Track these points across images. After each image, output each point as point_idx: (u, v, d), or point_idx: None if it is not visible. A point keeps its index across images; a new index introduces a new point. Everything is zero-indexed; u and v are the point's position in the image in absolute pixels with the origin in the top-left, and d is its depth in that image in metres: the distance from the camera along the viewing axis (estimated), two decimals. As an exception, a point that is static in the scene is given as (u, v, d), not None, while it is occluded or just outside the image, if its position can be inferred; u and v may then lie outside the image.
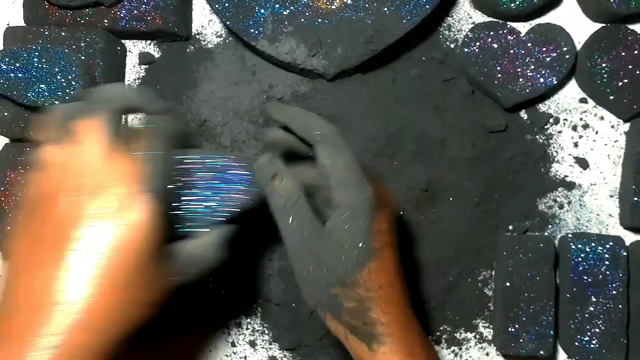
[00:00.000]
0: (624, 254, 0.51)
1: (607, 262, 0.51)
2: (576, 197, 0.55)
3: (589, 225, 0.55)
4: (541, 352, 0.51)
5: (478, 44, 0.53)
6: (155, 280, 0.37)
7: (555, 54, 0.53)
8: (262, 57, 0.55)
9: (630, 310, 0.51)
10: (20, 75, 0.51)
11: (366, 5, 0.52)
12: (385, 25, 0.52)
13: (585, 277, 0.51)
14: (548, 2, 0.54)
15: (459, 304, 0.55)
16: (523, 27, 0.55)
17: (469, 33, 0.53)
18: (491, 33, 0.53)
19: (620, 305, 0.51)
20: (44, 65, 0.51)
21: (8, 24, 0.57)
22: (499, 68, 0.53)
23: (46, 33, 0.54)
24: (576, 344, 0.51)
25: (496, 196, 0.55)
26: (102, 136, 0.37)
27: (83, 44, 0.53)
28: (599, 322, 0.51)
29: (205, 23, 0.57)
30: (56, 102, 0.51)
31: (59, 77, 0.51)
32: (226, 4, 0.52)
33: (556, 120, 0.56)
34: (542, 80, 0.53)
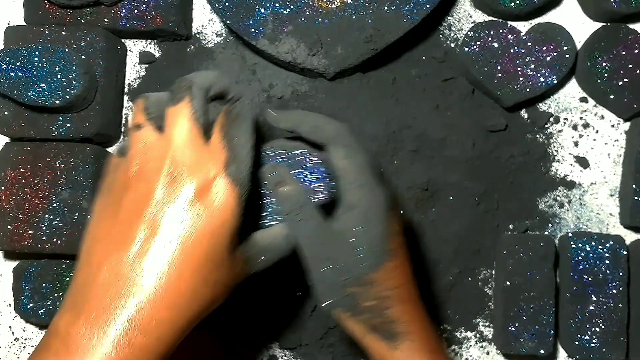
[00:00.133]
0: (624, 253, 0.51)
1: (608, 261, 0.51)
2: (576, 196, 0.55)
3: (589, 225, 0.55)
4: (541, 351, 0.51)
5: (478, 43, 0.53)
6: (231, 264, 0.37)
7: (555, 53, 0.53)
8: (263, 57, 0.55)
9: (630, 310, 0.51)
10: (20, 74, 0.51)
11: (366, 4, 0.52)
12: (385, 24, 0.52)
13: (585, 276, 0.51)
14: (548, 2, 0.54)
15: (459, 303, 0.55)
16: (523, 27, 0.55)
17: (469, 32, 0.53)
18: (491, 32, 0.53)
19: (620, 305, 0.51)
20: (45, 65, 0.51)
21: (8, 24, 0.58)
22: (499, 67, 0.53)
23: (46, 32, 0.54)
24: (576, 343, 0.51)
25: (496, 195, 0.55)
26: (188, 122, 0.37)
27: (83, 43, 0.53)
28: (599, 321, 0.51)
29: (206, 22, 0.58)
30: (57, 102, 0.51)
31: (59, 77, 0.51)
32: (226, 3, 0.52)
33: (556, 120, 0.56)
34: (543, 79, 0.53)
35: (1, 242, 0.53)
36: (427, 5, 0.52)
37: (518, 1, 0.53)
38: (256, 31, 0.52)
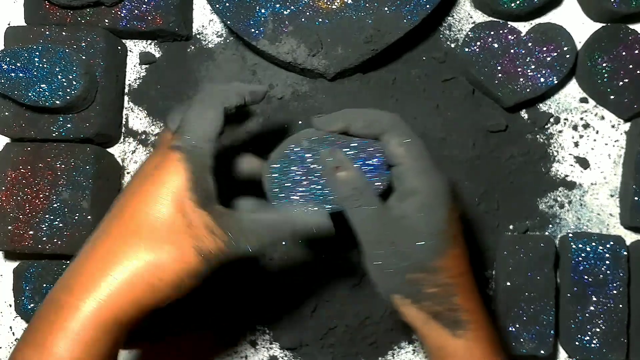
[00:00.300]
0: (625, 253, 0.51)
1: (608, 262, 0.51)
2: (577, 197, 0.55)
3: (589, 225, 0.55)
4: (542, 352, 0.51)
5: (478, 43, 0.53)
6: (181, 225, 0.37)
7: (555, 54, 0.53)
8: (263, 57, 0.55)
9: (630, 310, 0.51)
10: (21, 74, 0.51)
11: (366, 4, 0.52)
12: (385, 24, 0.52)
13: (585, 277, 0.51)
14: (548, 2, 0.54)
15: (460, 303, 0.55)
16: (523, 27, 0.55)
17: (469, 33, 0.53)
18: (492, 33, 0.53)
19: (620, 305, 0.51)
20: (45, 65, 0.51)
21: (9, 24, 0.58)
22: (499, 68, 0.53)
23: (47, 33, 0.54)
24: (576, 343, 0.51)
25: (496, 196, 0.55)
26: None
27: (84, 43, 0.53)
28: (599, 322, 0.51)
29: (206, 23, 0.58)
30: (57, 102, 0.51)
31: (59, 77, 0.51)
32: (227, 4, 0.52)
33: (557, 120, 0.56)
34: (543, 79, 0.53)
35: (2, 243, 0.53)
36: (427, 6, 0.52)
37: (518, 1, 0.53)
38: (256, 31, 0.52)
